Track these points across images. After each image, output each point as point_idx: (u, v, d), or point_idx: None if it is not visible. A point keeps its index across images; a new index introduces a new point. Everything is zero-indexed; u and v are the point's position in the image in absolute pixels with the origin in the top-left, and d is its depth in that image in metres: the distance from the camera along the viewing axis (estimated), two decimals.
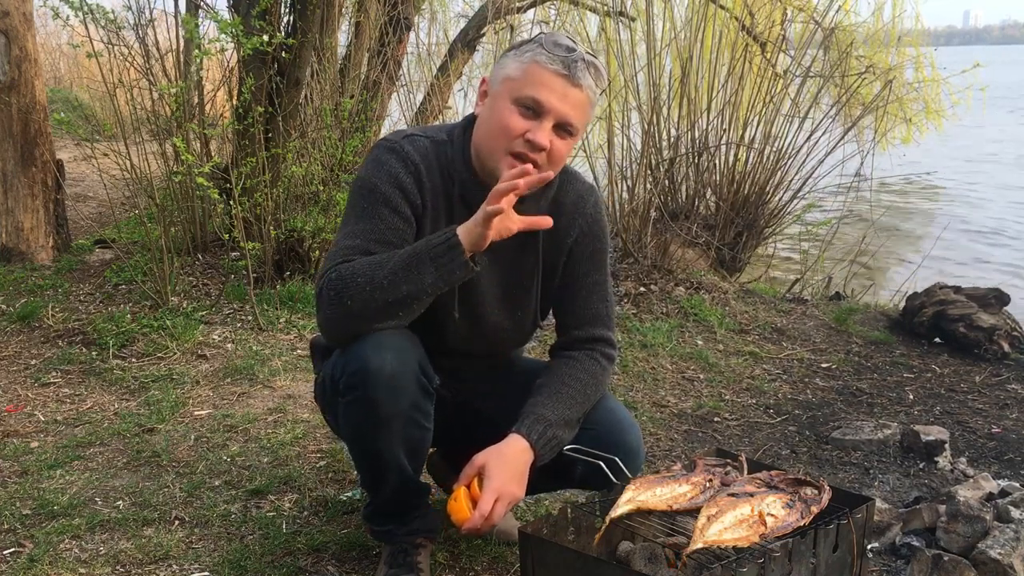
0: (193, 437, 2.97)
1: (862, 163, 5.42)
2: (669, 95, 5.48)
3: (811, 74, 5.58)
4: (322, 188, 4.52)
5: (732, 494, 1.81)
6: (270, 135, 4.51)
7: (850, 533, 1.87)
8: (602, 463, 1.93)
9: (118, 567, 2.20)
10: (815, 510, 1.83)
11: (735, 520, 1.74)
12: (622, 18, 5.83)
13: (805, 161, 5.36)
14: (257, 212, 4.28)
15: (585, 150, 5.38)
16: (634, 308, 4.49)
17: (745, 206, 5.38)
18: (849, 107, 5.78)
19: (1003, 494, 2.48)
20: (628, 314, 4.39)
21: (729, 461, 2.02)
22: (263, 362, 3.62)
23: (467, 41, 7.36)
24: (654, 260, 4.92)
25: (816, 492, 1.86)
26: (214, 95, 5.44)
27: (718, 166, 5.48)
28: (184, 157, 4.12)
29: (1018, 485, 2.58)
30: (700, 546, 1.69)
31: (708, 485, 1.87)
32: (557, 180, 2.03)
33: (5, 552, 2.24)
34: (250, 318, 4.05)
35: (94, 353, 3.66)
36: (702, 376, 3.86)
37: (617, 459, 1.95)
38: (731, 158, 5.44)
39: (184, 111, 4.31)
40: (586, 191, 2.12)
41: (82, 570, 2.18)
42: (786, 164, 5.38)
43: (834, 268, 5.84)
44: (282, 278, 4.45)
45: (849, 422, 3.38)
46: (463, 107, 6.17)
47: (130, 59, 4.52)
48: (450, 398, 2.09)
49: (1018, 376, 4.04)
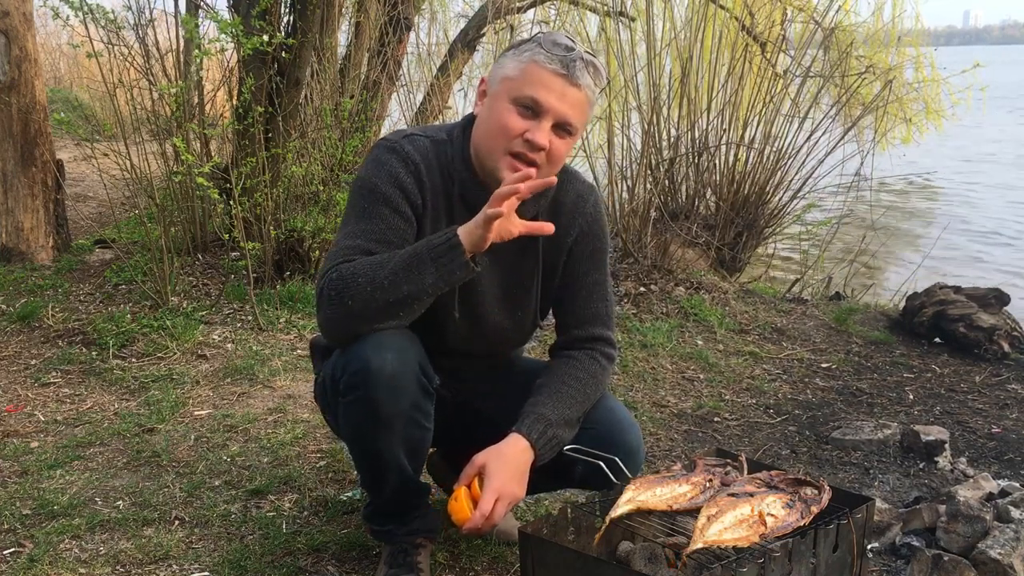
0: (193, 437, 2.97)
1: (862, 163, 5.42)
2: (669, 95, 5.48)
3: (811, 74, 5.58)
4: (322, 188, 4.52)
5: (732, 494, 1.81)
6: (270, 135, 4.51)
7: (850, 533, 1.87)
8: (602, 463, 1.93)
9: (118, 567, 2.20)
10: (815, 510, 1.83)
11: (735, 520, 1.74)
12: (622, 18, 5.83)
13: (805, 161, 5.36)
14: (257, 212, 4.28)
15: (585, 150, 5.38)
16: (634, 308, 4.49)
17: (745, 206, 5.38)
18: (849, 107, 5.78)
19: (1003, 494, 2.48)
20: (628, 314, 4.39)
21: (729, 461, 2.02)
22: (263, 362, 3.62)
23: (467, 41, 7.36)
24: (654, 260, 4.92)
25: (816, 492, 1.86)
26: (214, 95, 5.44)
27: (718, 166, 5.48)
28: (184, 157, 4.12)
29: (1018, 485, 2.58)
30: (700, 546, 1.69)
31: (708, 485, 1.87)
32: (556, 180, 2.03)
33: (5, 552, 2.24)
34: (250, 318, 4.05)
35: (94, 353, 3.66)
36: (702, 376, 3.86)
37: (617, 459, 1.95)
38: (731, 158, 5.44)
39: (184, 111, 4.31)
40: (586, 191, 2.12)
41: (82, 570, 2.18)
42: (786, 164, 5.38)
43: (834, 268, 5.84)
44: (282, 278, 4.45)
45: (849, 422, 3.38)
46: (463, 107, 6.17)
47: (130, 59, 4.52)
48: (450, 398, 2.09)
49: (1018, 376, 4.04)
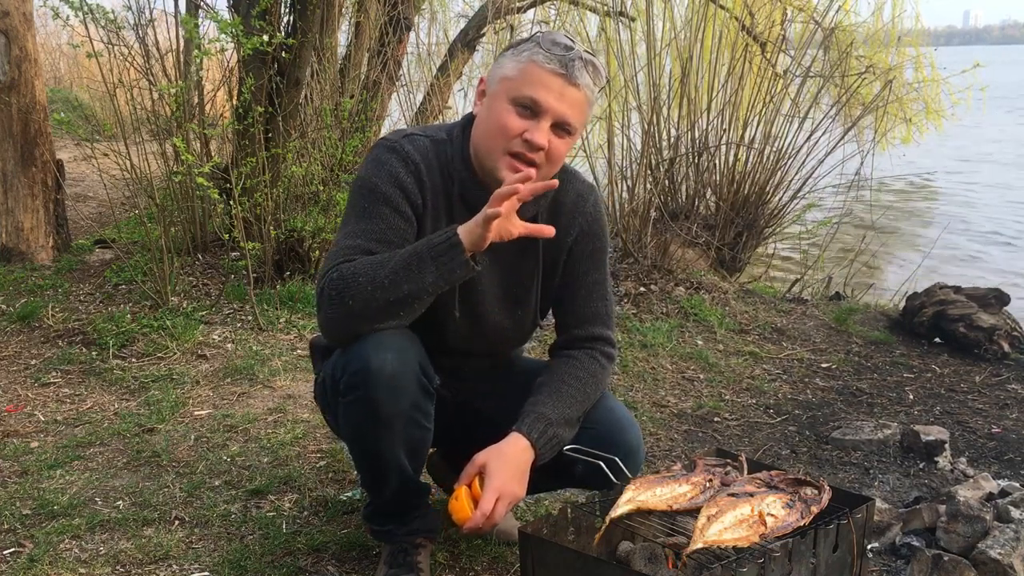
0: (193, 437, 2.97)
1: (862, 163, 5.42)
2: (669, 95, 5.48)
3: (811, 74, 5.58)
4: (322, 188, 4.52)
5: (732, 494, 1.81)
6: (270, 135, 4.51)
7: (850, 533, 1.87)
8: (602, 463, 1.93)
9: (118, 567, 2.20)
10: (815, 510, 1.83)
11: (735, 520, 1.74)
12: (622, 18, 5.83)
13: (805, 161, 5.36)
14: (257, 212, 4.28)
15: (585, 150, 5.39)
16: (634, 308, 4.49)
17: (745, 206, 5.38)
18: (849, 107, 5.78)
19: (1003, 494, 2.48)
20: (628, 314, 4.39)
21: (729, 461, 2.02)
22: (263, 362, 3.62)
23: (467, 41, 7.36)
24: (654, 260, 4.91)
25: (816, 492, 1.86)
26: (214, 95, 5.44)
27: (718, 166, 5.48)
28: (184, 157, 4.12)
29: (1018, 485, 2.58)
30: (700, 546, 1.69)
31: (708, 485, 1.87)
32: (557, 182, 2.03)
33: (5, 552, 2.24)
34: (250, 318, 4.05)
35: (94, 353, 3.66)
36: (702, 376, 3.86)
37: (617, 459, 1.95)
38: (731, 158, 5.44)
39: (184, 111, 4.31)
40: (586, 190, 2.12)
41: (82, 570, 2.18)
42: (786, 164, 5.38)
43: (834, 268, 5.84)
44: (282, 278, 4.45)
45: (849, 422, 3.38)
46: (463, 107, 6.17)
47: (130, 59, 4.52)
48: (450, 398, 2.09)
49: (1018, 376, 4.04)
